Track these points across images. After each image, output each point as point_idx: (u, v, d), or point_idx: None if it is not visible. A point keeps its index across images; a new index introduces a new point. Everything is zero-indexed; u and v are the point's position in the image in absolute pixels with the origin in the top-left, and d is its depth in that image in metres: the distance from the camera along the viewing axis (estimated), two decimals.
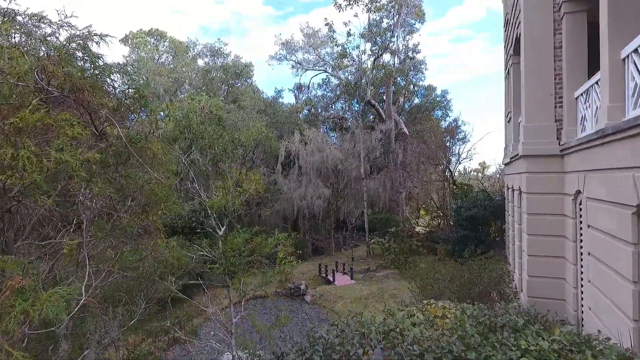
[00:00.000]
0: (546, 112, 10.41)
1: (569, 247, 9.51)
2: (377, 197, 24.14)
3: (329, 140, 25.58)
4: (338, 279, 16.80)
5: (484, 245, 17.48)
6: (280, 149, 24.20)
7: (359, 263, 20.62)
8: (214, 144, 17.71)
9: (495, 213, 18.50)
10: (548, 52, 10.49)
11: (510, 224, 15.81)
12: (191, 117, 17.64)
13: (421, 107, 32.09)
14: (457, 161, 20.77)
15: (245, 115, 23.71)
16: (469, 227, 17.58)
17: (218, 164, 18.34)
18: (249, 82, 31.87)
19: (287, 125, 27.85)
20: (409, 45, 27.41)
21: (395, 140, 27.95)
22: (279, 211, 21.90)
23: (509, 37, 15.30)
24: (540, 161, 10.27)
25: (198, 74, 28.97)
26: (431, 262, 18.12)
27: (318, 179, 21.64)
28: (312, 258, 22.98)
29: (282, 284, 16.67)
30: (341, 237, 26.40)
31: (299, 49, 36.84)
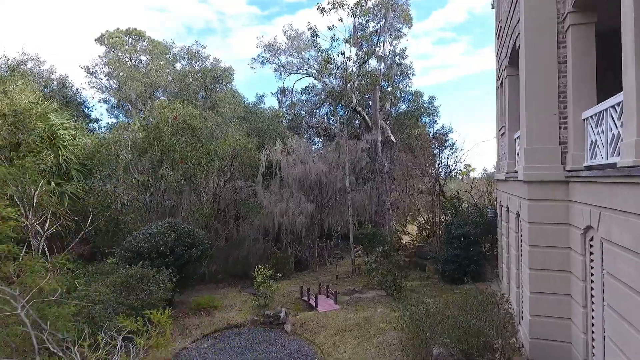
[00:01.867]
0: (549, 133, 9.38)
1: (577, 286, 8.47)
2: (362, 210, 23.06)
3: (313, 150, 24.41)
4: (321, 304, 15.60)
5: (476, 265, 16.53)
6: (261, 159, 22.90)
7: (343, 282, 19.47)
8: (186, 158, 16.35)
9: (487, 229, 17.59)
10: (551, 67, 9.47)
11: (504, 245, 14.87)
12: (161, 128, 16.23)
13: (408, 114, 31.22)
14: (446, 172, 19.79)
15: (223, 124, 22.32)
16: (460, 246, 16.61)
17: (192, 178, 16.97)
18: (229, 87, 30.47)
19: (269, 132, 26.56)
20: (396, 50, 26.46)
21: (381, 149, 26.92)
22: (259, 226, 20.60)
23: (503, 46, 14.33)
24: (543, 188, 9.23)
25: (174, 79, 27.47)
26: (421, 287, 17.09)
27: (300, 193, 20.42)
28: (294, 275, 21.72)
29: (261, 310, 15.40)
30: (326, 251, 25.22)
31: (282, 51, 35.63)
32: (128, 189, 17.36)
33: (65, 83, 24.74)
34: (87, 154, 17.08)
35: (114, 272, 13.03)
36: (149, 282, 12.78)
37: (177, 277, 13.87)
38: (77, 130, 17.70)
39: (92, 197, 16.81)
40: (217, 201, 20.01)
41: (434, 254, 18.09)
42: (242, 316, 15.12)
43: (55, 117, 16.44)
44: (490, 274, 17.56)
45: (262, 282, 15.17)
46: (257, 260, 20.72)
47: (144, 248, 13.61)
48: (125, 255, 14.02)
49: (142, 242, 13.76)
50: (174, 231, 14.49)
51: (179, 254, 14.18)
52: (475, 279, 16.79)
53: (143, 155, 17.34)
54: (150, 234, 14.08)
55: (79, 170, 17.01)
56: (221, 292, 18.70)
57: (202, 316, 14.98)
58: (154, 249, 13.65)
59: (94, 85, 28.03)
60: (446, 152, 19.17)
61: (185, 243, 14.48)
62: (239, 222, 20.29)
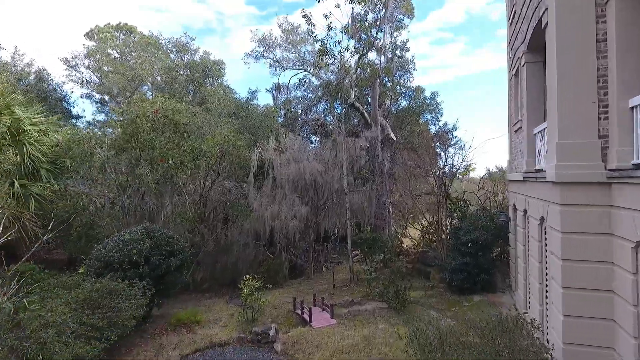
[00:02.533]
0: (586, 125, 7.79)
1: (625, 310, 6.91)
2: (361, 212, 21.51)
3: (308, 148, 22.85)
4: (316, 318, 14.04)
5: (487, 274, 15.00)
6: (252, 158, 21.31)
7: (341, 291, 17.90)
8: (167, 156, 14.76)
9: (498, 235, 16.07)
10: (588, 47, 7.88)
11: (519, 253, 13.34)
12: (138, 123, 14.65)
13: (409, 110, 29.68)
14: (452, 172, 18.25)
15: (212, 120, 20.75)
16: (469, 253, 15.08)
17: (173, 178, 15.39)
18: (220, 82, 28.86)
19: (261, 129, 24.98)
20: (396, 43, 24.91)
21: (381, 147, 25.38)
22: (249, 230, 19.02)
23: (519, 31, 12.76)
24: (579, 190, 7.64)
25: (160, 72, 25.85)
26: (426, 297, 15.54)
27: (294, 194, 18.85)
28: (288, 283, 20.15)
29: (249, 325, 13.83)
30: (322, 255, 23.64)
31: (277, 46, 34.10)
32: (104, 191, 15.76)
33: (42, 76, 23.10)
34: (58, 152, 15.48)
35: (79, 286, 11.43)
36: (118, 298, 11.20)
37: (152, 290, 12.28)
38: (49, 125, 16.09)
39: (65, 199, 15.21)
40: (203, 203, 18.42)
41: (439, 261, 16.56)
42: (227, 333, 13.54)
43: (22, 111, 14.83)
44: (501, 284, 16.04)
45: (250, 295, 13.58)
46: (247, 267, 19.14)
47: (114, 258, 12.02)
48: (95, 265, 12.42)
49: (113, 250, 12.17)
50: (150, 238, 12.90)
51: (156, 264, 12.60)
52: (485, 289, 15.29)
53: (121, 153, 15.75)
54: (123, 241, 12.49)
55: (49, 170, 15.40)
56: (207, 304, 17.10)
57: (182, 333, 13.39)
58: (125, 258, 12.06)
59: (74, 79, 26.38)
60: (452, 150, 17.61)
61: (163, 251, 12.90)
62: (228, 226, 18.69)
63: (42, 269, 14.14)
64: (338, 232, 26.62)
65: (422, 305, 14.86)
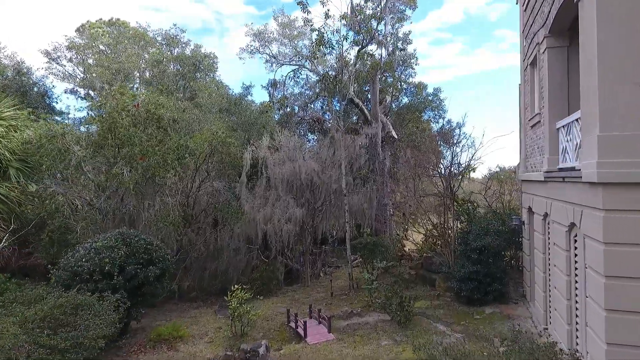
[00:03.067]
0: (634, 113, 6.51)
1: None
2: (361, 214, 20.17)
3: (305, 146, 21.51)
4: (311, 333, 12.69)
5: (499, 283, 13.68)
6: (245, 156, 19.96)
7: (339, 301, 16.57)
8: (148, 153, 13.41)
9: (510, 240, 14.75)
10: (636, 20, 6.60)
11: (538, 262, 12.02)
12: (116, 117, 13.30)
13: (410, 107, 28.35)
14: (459, 171, 16.90)
15: (202, 116, 19.40)
16: (480, 260, 13.75)
17: (156, 178, 14.03)
18: (212, 77, 27.49)
19: (256, 127, 23.63)
20: (398, 35, 23.58)
21: (382, 146, 24.05)
22: (240, 234, 17.66)
23: (538, 14, 11.40)
24: (629, 192, 6.34)
25: (148, 65, 24.47)
26: (432, 308, 14.20)
27: (289, 195, 17.51)
28: (283, 291, 18.82)
29: (237, 341, 12.49)
30: (319, 260, 22.30)
31: (273, 40, 32.74)
32: (81, 192, 14.40)
33: (21, 69, 21.70)
34: (29, 150, 14.13)
35: (42, 300, 10.08)
36: (85, 314, 9.85)
37: (127, 304, 10.93)
38: (20, 120, 14.73)
39: (36, 201, 13.86)
40: (191, 206, 17.06)
41: (446, 268, 15.22)
42: (212, 350, 12.20)
43: None
44: (514, 293, 14.73)
45: (238, 307, 12.24)
46: (238, 274, 17.81)
47: (83, 267, 10.68)
48: (63, 276, 11.06)
49: (82, 259, 10.81)
50: (126, 245, 11.56)
51: (132, 274, 11.25)
52: (497, 300, 13.96)
53: (99, 150, 14.40)
54: (95, 249, 11.13)
55: (19, 169, 14.04)
56: (193, 315, 15.75)
57: (161, 350, 12.03)
58: (96, 268, 10.72)
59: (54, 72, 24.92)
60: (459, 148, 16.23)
61: (140, 260, 11.55)
62: (218, 230, 17.33)
63: (9, 277, 12.81)
64: (337, 234, 25.30)
65: (429, 318, 13.52)
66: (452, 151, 15.96)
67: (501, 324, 12.40)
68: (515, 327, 12.01)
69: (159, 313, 15.86)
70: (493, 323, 12.47)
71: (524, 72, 14.19)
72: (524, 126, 14.52)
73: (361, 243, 17.66)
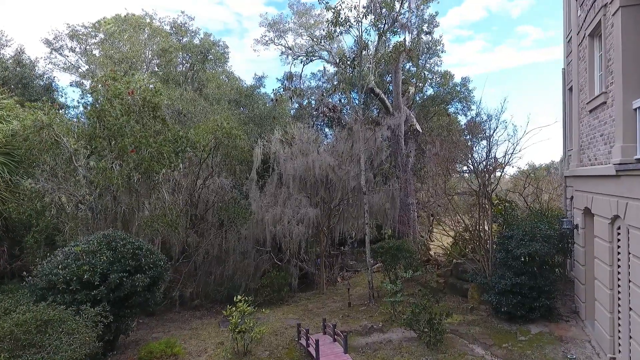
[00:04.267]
0: None
1: None
2: (382, 215, 18.22)
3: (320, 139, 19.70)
4: (324, 353, 10.89)
5: (547, 297, 11.57)
6: (255, 152, 18.31)
7: (358, 312, 14.70)
8: (141, 145, 11.87)
9: (558, 247, 12.58)
10: None
11: (602, 273, 9.85)
12: (104, 105, 11.81)
13: (436, 99, 26.13)
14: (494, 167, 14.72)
15: (209, 107, 17.86)
16: (524, 270, 11.66)
17: (150, 173, 12.50)
18: (223, 68, 25.99)
19: (268, 120, 21.99)
20: (423, 17, 21.44)
21: (405, 140, 22.02)
22: (248, 236, 16.01)
23: None
24: None
25: (153, 54, 23.14)
26: (465, 324, 12.16)
27: (301, 194, 15.74)
28: (296, 298, 17.07)
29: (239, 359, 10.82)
30: (337, 265, 20.48)
31: (289, 30, 30.99)
32: (71, 189, 13.01)
33: (21, 60, 20.59)
34: (14, 143, 12.83)
35: (8, 314, 8.62)
36: (56, 332, 8.32)
37: (110, 319, 9.38)
38: (6, 110, 13.46)
39: (23, 199, 12.55)
40: (195, 205, 15.51)
41: (482, 278, 13.16)
42: None
43: None
44: (563, 309, 12.55)
45: (239, 322, 10.57)
46: (247, 280, 16.17)
47: (59, 276, 9.18)
48: (38, 285, 9.61)
49: (58, 266, 9.30)
50: (111, 249, 10.00)
51: (116, 283, 9.69)
52: (545, 317, 11.83)
53: (91, 143, 12.98)
54: (74, 254, 9.62)
55: (3, 163, 12.76)
56: (195, 326, 14.16)
57: None
58: (74, 277, 9.20)
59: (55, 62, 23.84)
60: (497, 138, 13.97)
61: (126, 267, 9.98)
62: (224, 231, 15.72)
63: None
64: (355, 236, 23.41)
65: (462, 337, 11.51)
66: (488, 142, 13.80)
67: (553, 348, 10.30)
68: (571, 354, 9.96)
69: (157, 324, 14.37)
70: (543, 347, 10.38)
71: (579, 48, 11.97)
72: (576, 113, 12.30)
73: (382, 247, 15.74)
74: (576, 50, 12.20)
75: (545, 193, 24.04)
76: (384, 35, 20.46)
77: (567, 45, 14.86)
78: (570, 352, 9.95)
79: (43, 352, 7.89)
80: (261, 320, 13.01)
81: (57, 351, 7.98)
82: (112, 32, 24.89)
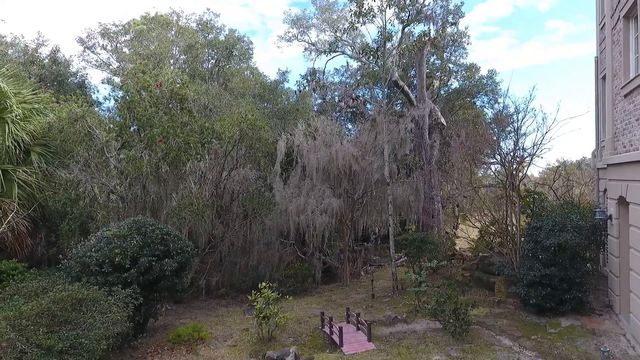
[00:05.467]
0: None
1: None
2: (406, 208, 18.05)
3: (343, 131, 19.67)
4: (348, 341, 10.91)
5: (579, 290, 11.21)
6: (279, 145, 18.49)
7: (382, 304, 14.64)
8: (169, 135, 12.20)
9: (591, 238, 12.15)
10: None
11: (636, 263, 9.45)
12: (134, 97, 12.19)
13: (461, 92, 25.63)
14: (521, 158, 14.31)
15: (234, 101, 18.16)
16: (554, 261, 11.32)
17: (178, 163, 12.84)
18: (248, 64, 26.35)
19: (292, 114, 22.15)
20: (448, 7, 21.06)
21: (429, 134, 21.73)
22: (272, 227, 16.19)
23: None
24: None
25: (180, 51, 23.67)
26: (492, 317, 11.92)
27: (324, 185, 15.78)
28: (319, 290, 17.16)
29: (263, 346, 10.97)
30: (360, 258, 20.44)
31: (312, 26, 31.14)
32: (104, 179, 13.53)
33: (57, 58, 21.53)
34: (51, 134, 13.42)
35: (45, 292, 9.05)
36: (89, 310, 8.68)
37: (140, 300, 9.70)
38: (43, 103, 14.09)
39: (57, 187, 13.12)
40: (220, 196, 15.81)
41: (510, 270, 12.85)
42: (235, 355, 10.73)
43: (11, 85, 12.86)
44: (595, 303, 12.11)
45: (264, 308, 10.71)
46: (271, 271, 16.37)
47: (92, 259, 9.55)
48: (73, 268, 10.04)
49: (92, 250, 9.69)
50: (141, 234, 10.33)
51: (146, 267, 10.00)
52: (576, 310, 11.45)
53: (121, 134, 13.44)
54: (106, 238, 9.99)
55: (40, 154, 13.37)
56: (220, 313, 14.45)
57: (180, 353, 10.73)
58: (106, 259, 9.54)
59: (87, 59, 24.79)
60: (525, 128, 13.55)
61: (155, 251, 10.29)
62: (249, 222, 15.96)
63: (26, 267, 12.09)
64: (379, 232, 23.27)
65: (489, 329, 11.29)
66: (516, 132, 13.44)
67: (585, 341, 9.96)
68: (605, 347, 9.59)
69: (184, 310, 14.74)
70: (574, 340, 10.05)
71: (612, 32, 11.53)
72: (610, 99, 11.84)
73: (407, 239, 15.60)
74: (610, 35, 11.74)
75: (576, 188, 23.26)
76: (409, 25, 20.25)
77: (600, 32, 14.33)
78: (604, 344, 9.59)
79: (78, 329, 8.26)
80: (285, 309, 13.13)
81: (90, 328, 8.34)
82: (140, 30, 25.69)
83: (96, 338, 8.20)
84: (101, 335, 8.31)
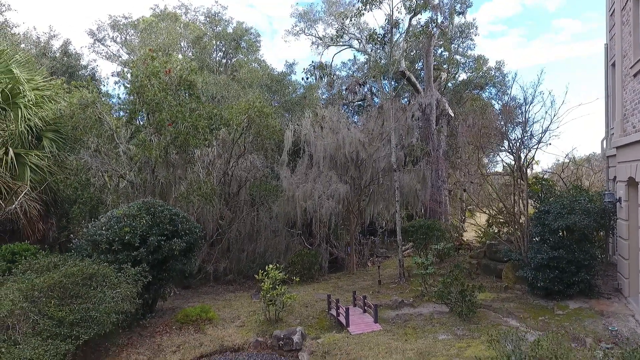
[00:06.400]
0: None
1: None
2: (413, 196, 18.03)
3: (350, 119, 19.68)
4: (355, 322, 10.96)
5: (587, 272, 11.14)
6: (286, 135, 18.58)
7: (388, 289, 14.66)
8: (177, 119, 12.34)
9: (600, 221, 12.06)
10: None
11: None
12: (143, 81, 12.35)
13: (469, 84, 25.50)
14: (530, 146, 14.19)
15: (241, 91, 18.29)
16: (562, 244, 11.25)
17: (184, 147, 12.99)
18: (255, 56, 26.47)
19: (299, 106, 22.23)
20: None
21: (436, 123, 21.67)
22: (279, 215, 16.28)
23: None
24: None
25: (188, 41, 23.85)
26: (499, 301, 11.89)
27: (332, 171, 15.83)
28: (326, 278, 17.22)
29: (270, 327, 11.06)
30: (367, 248, 20.45)
31: (319, 20, 31.21)
32: (114, 164, 13.73)
33: (68, 50, 21.86)
34: (62, 120, 13.65)
35: (56, 268, 9.23)
36: (100, 285, 8.85)
37: (148, 278, 9.85)
38: (55, 90, 14.33)
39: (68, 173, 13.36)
40: (228, 183, 15.95)
41: (517, 255, 12.79)
42: (243, 335, 10.85)
43: (24, 72, 13.09)
44: (604, 286, 12.02)
45: (270, 289, 10.80)
46: (277, 257, 16.47)
47: (102, 236, 9.71)
48: (83, 246, 10.23)
49: (102, 228, 9.86)
50: (150, 214, 10.48)
51: (155, 246, 10.15)
52: (584, 293, 11.37)
53: (131, 120, 13.64)
54: (116, 217, 10.16)
55: (52, 140, 13.61)
56: (228, 298, 14.59)
57: (189, 332, 10.88)
58: (116, 237, 9.70)
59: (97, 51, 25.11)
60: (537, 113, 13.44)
61: (164, 231, 10.43)
62: (256, 209, 16.07)
63: (38, 249, 12.32)
64: (386, 225, 23.27)
65: (496, 311, 11.28)
66: (524, 116, 13.35)
67: (593, 321, 9.91)
68: (613, 327, 9.54)
69: (192, 295, 14.91)
70: (582, 320, 10.00)
71: (622, 13, 11.42)
72: (619, 81, 11.73)
73: (414, 226, 15.62)
74: (619, 16, 11.63)
75: (585, 179, 23.06)
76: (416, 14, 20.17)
77: (609, 19, 14.20)
78: (612, 324, 9.53)
79: (88, 302, 8.42)
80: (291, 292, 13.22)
81: (100, 302, 8.50)
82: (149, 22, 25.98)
83: (106, 311, 8.36)
84: (111, 309, 8.47)
